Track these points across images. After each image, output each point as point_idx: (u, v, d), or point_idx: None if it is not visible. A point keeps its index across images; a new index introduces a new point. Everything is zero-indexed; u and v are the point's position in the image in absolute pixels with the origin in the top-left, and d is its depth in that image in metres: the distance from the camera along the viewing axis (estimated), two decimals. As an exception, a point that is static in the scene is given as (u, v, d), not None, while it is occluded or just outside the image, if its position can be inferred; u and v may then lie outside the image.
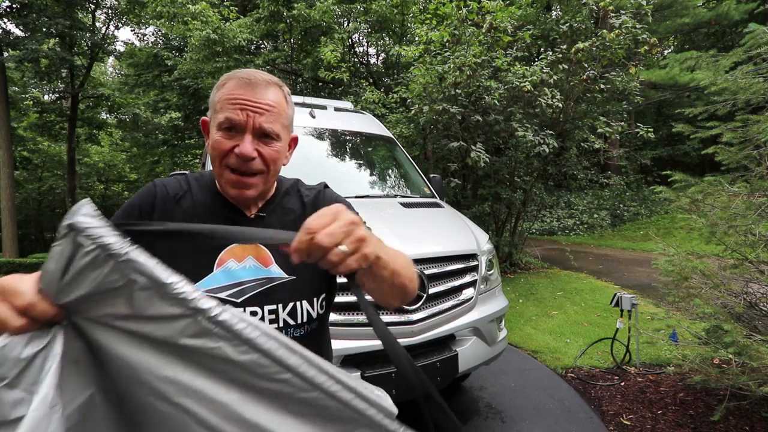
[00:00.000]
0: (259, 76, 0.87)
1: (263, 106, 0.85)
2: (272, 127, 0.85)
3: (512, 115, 6.65)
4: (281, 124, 0.88)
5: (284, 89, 0.91)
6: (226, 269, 0.87)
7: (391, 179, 3.79)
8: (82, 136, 19.44)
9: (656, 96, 14.92)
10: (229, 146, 0.84)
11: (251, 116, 0.83)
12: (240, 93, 0.84)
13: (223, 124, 0.84)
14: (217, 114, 0.85)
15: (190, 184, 0.93)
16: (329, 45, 9.77)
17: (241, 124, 0.83)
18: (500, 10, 6.77)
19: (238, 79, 0.86)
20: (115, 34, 19.82)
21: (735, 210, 2.72)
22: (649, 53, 6.84)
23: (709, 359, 2.93)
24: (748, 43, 2.93)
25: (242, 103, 0.83)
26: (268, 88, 0.87)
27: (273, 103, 0.86)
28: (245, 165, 0.85)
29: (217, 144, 0.85)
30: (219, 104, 0.86)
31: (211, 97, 0.89)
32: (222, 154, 0.85)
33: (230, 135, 0.84)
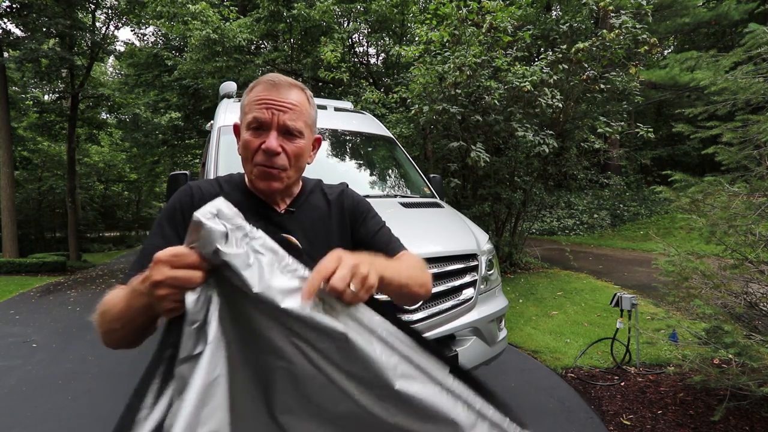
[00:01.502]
0: (283, 79, 0.95)
1: (286, 104, 0.92)
2: (295, 124, 0.92)
3: (512, 115, 6.65)
4: (304, 122, 0.95)
5: (307, 92, 0.99)
6: None
7: (391, 179, 3.78)
8: (82, 136, 19.43)
9: (656, 96, 14.91)
10: (257, 143, 0.92)
11: (275, 114, 0.91)
12: (265, 94, 0.92)
13: (251, 123, 0.92)
14: (246, 115, 0.94)
15: (221, 185, 1.01)
16: (329, 45, 9.77)
17: (267, 121, 0.91)
18: (500, 10, 6.77)
19: (265, 82, 0.94)
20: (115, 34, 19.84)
21: (735, 210, 2.72)
22: (649, 53, 6.84)
23: (709, 359, 2.93)
24: (748, 43, 2.93)
25: (267, 102, 0.91)
26: (291, 89, 0.94)
27: (296, 102, 0.94)
28: (271, 160, 0.92)
29: (246, 143, 0.93)
30: (247, 107, 0.94)
31: (241, 102, 0.98)
32: (252, 151, 0.93)
33: (258, 134, 0.92)
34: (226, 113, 3.35)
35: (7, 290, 8.94)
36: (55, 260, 12.96)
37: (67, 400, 3.43)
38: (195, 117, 15.63)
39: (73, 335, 5.39)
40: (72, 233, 16.61)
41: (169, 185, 2.96)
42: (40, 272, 12.15)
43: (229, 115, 3.30)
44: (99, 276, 11.16)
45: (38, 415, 3.18)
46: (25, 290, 9.07)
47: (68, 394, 3.54)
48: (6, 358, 4.51)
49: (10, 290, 8.96)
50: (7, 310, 7.09)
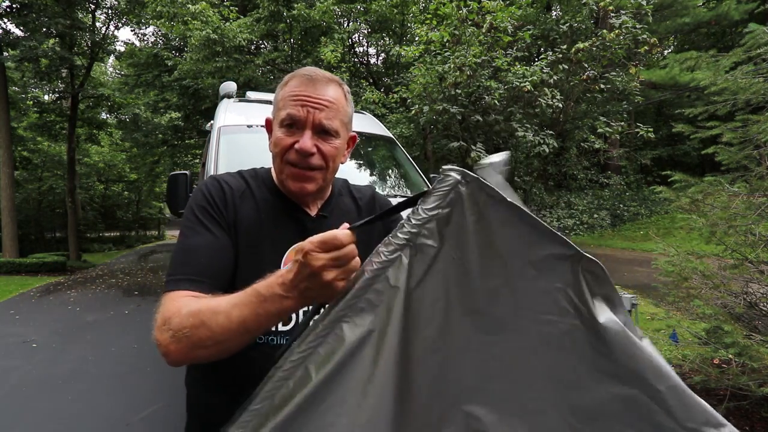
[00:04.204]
0: (321, 74, 0.89)
1: (323, 102, 0.87)
2: (331, 123, 0.87)
3: (512, 115, 6.65)
4: (340, 121, 0.90)
5: (344, 87, 0.93)
6: None
7: (391, 179, 3.78)
8: (82, 136, 19.43)
9: (656, 96, 14.91)
10: (290, 142, 0.87)
11: (311, 112, 0.86)
12: (301, 90, 0.86)
13: (285, 120, 0.87)
14: (280, 111, 0.88)
15: (247, 181, 0.95)
16: (329, 45, 9.78)
17: (302, 119, 0.86)
18: (500, 10, 6.77)
19: (300, 76, 0.89)
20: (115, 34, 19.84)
21: (735, 210, 2.72)
22: (649, 53, 6.85)
23: (709, 359, 2.93)
24: (748, 43, 2.93)
25: (303, 99, 0.86)
26: (328, 85, 0.89)
27: (333, 99, 0.88)
28: (305, 160, 0.87)
29: (278, 141, 0.88)
30: (281, 102, 0.89)
31: (275, 96, 0.92)
32: (283, 150, 0.88)
33: (291, 131, 0.87)
34: (226, 113, 3.35)
35: (7, 290, 8.94)
36: (55, 260, 12.95)
37: (67, 400, 3.43)
38: (195, 117, 15.63)
39: (73, 335, 5.39)
40: (72, 233, 16.60)
41: (169, 185, 2.96)
42: (40, 272, 12.14)
43: (229, 115, 3.30)
44: (99, 276, 11.16)
45: (38, 415, 3.18)
46: (25, 290, 9.07)
47: (68, 394, 3.54)
48: (6, 358, 4.51)
49: (10, 290, 8.96)
50: (7, 310, 7.09)
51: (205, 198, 0.88)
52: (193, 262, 0.81)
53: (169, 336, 0.69)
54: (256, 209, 0.90)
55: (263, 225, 0.89)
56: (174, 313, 0.71)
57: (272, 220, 0.91)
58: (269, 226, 0.90)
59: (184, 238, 0.85)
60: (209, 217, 0.86)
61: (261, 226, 0.89)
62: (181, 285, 0.78)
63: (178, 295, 0.76)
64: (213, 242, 0.84)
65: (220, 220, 0.87)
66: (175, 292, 0.77)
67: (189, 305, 0.72)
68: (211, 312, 0.69)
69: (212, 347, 0.68)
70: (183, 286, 0.78)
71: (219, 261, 0.83)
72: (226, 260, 0.84)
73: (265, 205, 0.92)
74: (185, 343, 0.69)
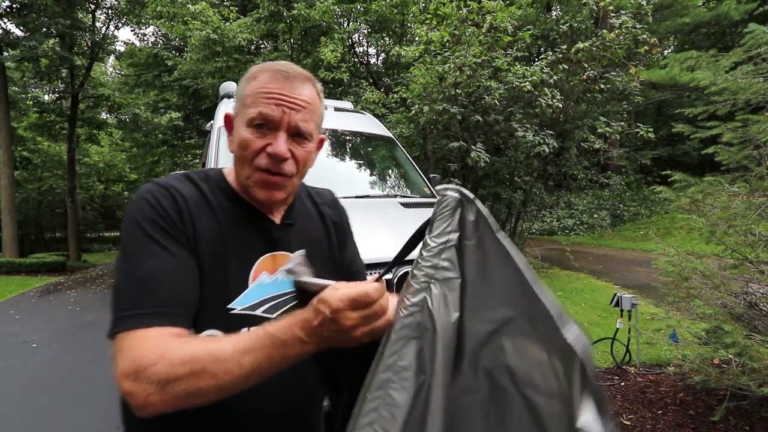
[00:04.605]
0: (297, 70, 0.81)
1: (300, 102, 0.78)
2: (307, 126, 0.79)
3: (512, 115, 6.65)
4: (315, 123, 0.82)
5: (318, 85, 0.84)
6: (260, 283, 0.80)
7: (391, 179, 3.79)
8: (82, 136, 19.43)
9: (656, 96, 14.91)
10: (261, 145, 0.77)
11: (287, 113, 0.77)
12: (276, 87, 0.77)
13: (255, 119, 0.76)
14: (248, 108, 0.77)
15: (199, 186, 0.81)
16: (329, 45, 9.78)
17: (276, 120, 0.76)
18: (500, 10, 6.77)
19: (274, 71, 0.79)
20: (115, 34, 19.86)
21: (735, 210, 2.72)
22: (649, 53, 6.84)
23: (709, 359, 2.92)
24: (748, 43, 2.92)
25: (278, 97, 0.76)
26: (305, 84, 0.80)
27: (309, 99, 0.80)
28: (277, 166, 0.78)
29: (246, 142, 0.77)
30: (250, 98, 0.77)
31: (240, 90, 0.82)
32: (252, 153, 0.77)
33: (261, 132, 0.77)
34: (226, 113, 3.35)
35: (7, 290, 8.94)
36: (55, 260, 12.96)
37: (66, 400, 3.43)
38: (195, 117, 15.63)
39: (73, 335, 5.39)
40: (72, 233, 16.61)
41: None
42: (40, 272, 12.14)
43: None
44: (99, 276, 11.16)
45: (38, 415, 3.18)
46: (25, 290, 9.07)
47: (68, 394, 3.54)
48: (6, 358, 4.51)
49: (10, 290, 8.96)
50: (7, 310, 7.09)
51: (154, 210, 0.74)
52: (159, 290, 0.69)
53: (151, 387, 0.60)
54: (215, 220, 0.79)
55: (225, 237, 0.78)
56: (155, 360, 0.61)
57: (234, 231, 0.80)
58: (232, 238, 0.79)
59: (136, 262, 0.70)
60: (164, 233, 0.72)
61: (223, 238, 0.78)
62: (149, 321, 0.66)
63: (150, 334, 0.65)
64: (176, 264, 0.71)
65: (177, 236, 0.73)
66: (143, 330, 0.65)
67: (177, 349, 0.63)
68: (214, 358, 0.61)
69: (212, 395, 0.62)
70: (153, 322, 0.66)
71: (188, 286, 0.72)
72: (195, 284, 0.73)
73: (224, 215, 0.80)
74: (177, 394, 0.60)
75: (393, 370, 0.56)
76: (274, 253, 0.83)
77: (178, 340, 0.65)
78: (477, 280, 0.58)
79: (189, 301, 0.72)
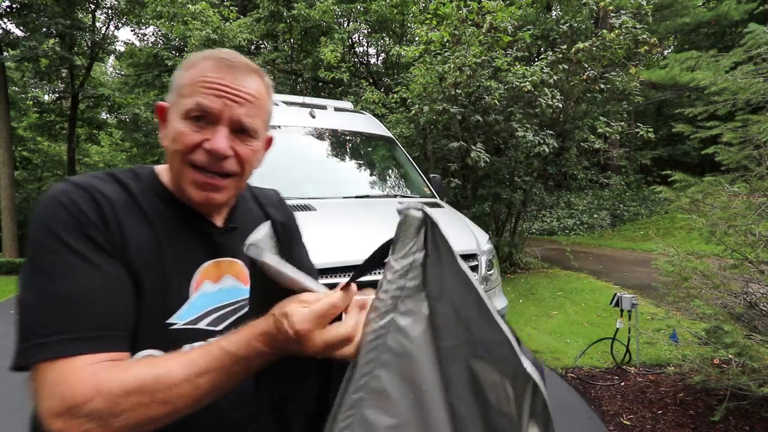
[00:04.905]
0: (241, 60, 0.73)
1: (244, 95, 0.70)
2: (252, 122, 0.71)
3: (512, 115, 6.65)
4: (262, 120, 0.75)
5: (266, 80, 0.77)
6: (203, 293, 0.73)
7: (391, 179, 3.79)
8: (82, 136, 19.44)
9: (656, 96, 14.91)
10: (197, 140, 0.69)
11: (229, 105, 0.69)
12: (217, 77, 0.69)
13: (192, 111, 0.68)
14: (184, 99, 0.69)
15: (127, 186, 0.71)
16: (329, 45, 9.79)
17: (216, 113, 0.68)
18: (500, 10, 6.77)
19: (216, 59, 0.71)
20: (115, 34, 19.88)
21: (735, 210, 2.72)
22: (649, 53, 6.85)
23: (709, 359, 2.93)
24: (748, 43, 2.93)
25: (219, 88, 0.68)
26: (251, 76, 0.72)
27: (255, 93, 0.72)
28: (217, 164, 0.70)
29: (180, 136, 0.69)
30: (188, 87, 0.69)
31: (176, 78, 0.73)
32: (187, 148, 0.69)
33: (199, 126, 0.69)
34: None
35: (7, 290, 8.94)
36: (55, 260, 12.96)
37: (67, 400, 3.43)
38: (195, 117, 15.62)
39: (73, 335, 5.39)
40: (72, 233, 16.59)
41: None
42: (40, 272, 12.16)
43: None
44: (99, 276, 11.17)
45: (38, 415, 3.18)
46: (25, 290, 9.06)
47: (68, 394, 3.54)
48: (6, 358, 4.50)
49: (10, 290, 8.96)
50: (7, 310, 7.09)
51: (72, 215, 0.62)
52: (85, 311, 0.59)
53: (91, 424, 0.53)
54: (148, 225, 0.69)
55: (161, 245, 0.69)
56: (91, 394, 0.53)
57: (171, 238, 0.71)
58: (169, 245, 0.70)
59: (53, 278, 0.59)
60: (87, 243, 0.62)
61: (158, 246, 0.69)
62: (77, 348, 0.57)
63: (80, 363, 0.56)
64: (104, 279, 0.61)
65: (103, 245, 0.63)
66: (70, 359, 0.56)
67: (117, 378, 0.55)
68: (164, 384, 0.55)
69: (166, 420, 0.56)
70: (82, 349, 0.57)
71: (120, 304, 0.63)
72: (129, 300, 0.64)
73: (158, 219, 0.71)
74: (122, 428, 0.54)
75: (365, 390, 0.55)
76: (217, 260, 0.76)
77: (117, 367, 0.57)
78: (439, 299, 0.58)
79: (123, 321, 0.62)
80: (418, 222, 0.56)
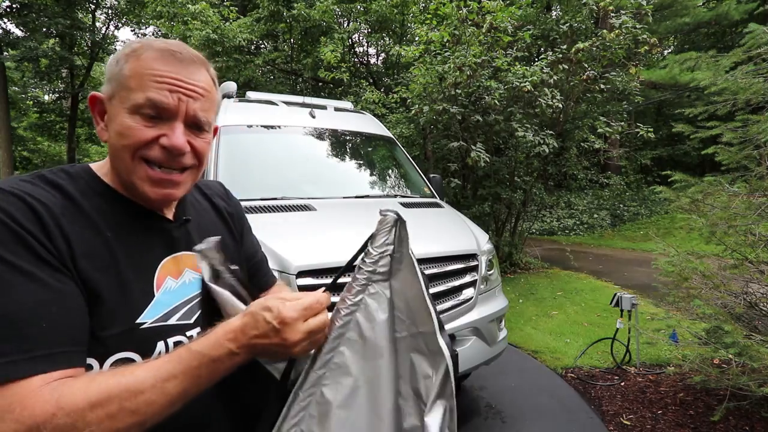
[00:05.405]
0: (189, 51, 0.71)
1: (198, 89, 0.69)
2: (206, 116, 0.71)
3: (512, 115, 6.65)
4: (213, 113, 0.74)
5: (212, 70, 0.76)
6: (166, 290, 0.72)
7: (391, 179, 3.78)
8: (82, 136, 19.46)
9: (656, 96, 14.91)
10: (151, 135, 0.66)
11: (184, 101, 0.67)
12: (168, 70, 0.67)
13: (143, 107, 0.65)
14: (132, 93, 0.65)
15: (63, 189, 0.66)
16: (329, 45, 9.78)
17: (171, 109, 0.67)
18: (500, 10, 6.76)
19: (163, 50, 0.68)
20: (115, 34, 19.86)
21: (735, 210, 2.72)
22: (649, 53, 6.85)
23: (709, 359, 2.93)
24: (748, 43, 2.93)
25: (171, 83, 0.66)
26: (200, 68, 0.71)
27: (207, 86, 0.72)
28: (175, 160, 0.68)
29: (130, 131, 0.66)
30: (134, 80, 0.66)
31: (116, 67, 0.68)
32: (138, 144, 0.66)
33: (152, 122, 0.66)
34: (226, 113, 3.35)
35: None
36: (55, 260, 12.96)
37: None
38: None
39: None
40: (72, 233, 16.60)
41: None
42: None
43: (229, 115, 3.30)
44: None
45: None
46: (25, 290, 9.05)
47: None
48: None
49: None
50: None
51: (5, 227, 0.57)
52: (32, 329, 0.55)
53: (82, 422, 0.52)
54: (94, 227, 0.65)
55: (112, 247, 0.66)
56: (52, 411, 0.51)
57: (123, 238, 0.68)
58: (121, 246, 0.67)
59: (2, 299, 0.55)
60: (25, 255, 0.57)
61: (109, 249, 0.66)
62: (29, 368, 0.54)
63: (35, 384, 0.53)
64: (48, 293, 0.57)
65: (46, 255, 0.59)
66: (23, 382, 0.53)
67: (81, 392, 0.53)
68: (131, 393, 0.54)
69: (135, 430, 0.55)
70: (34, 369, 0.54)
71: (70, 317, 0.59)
72: (79, 313, 0.60)
73: (104, 220, 0.67)
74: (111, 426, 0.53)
75: (328, 368, 0.63)
76: (175, 255, 0.75)
77: (80, 381, 0.55)
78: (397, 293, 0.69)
79: (73, 335, 0.59)
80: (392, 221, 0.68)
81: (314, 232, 2.39)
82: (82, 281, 0.61)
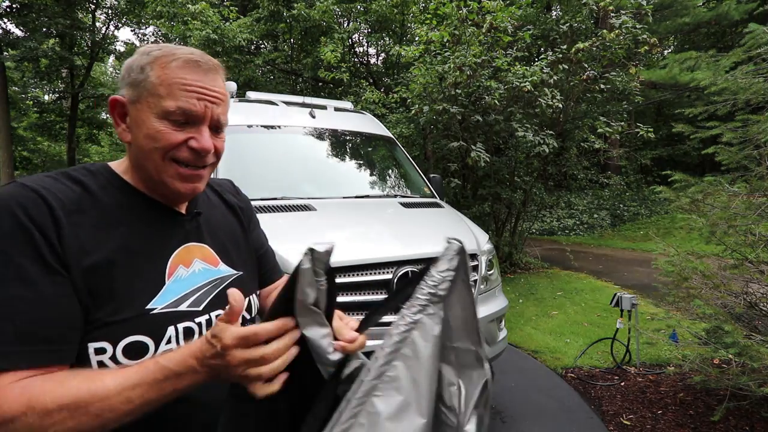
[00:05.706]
0: (208, 59, 0.78)
1: (219, 95, 0.77)
2: (225, 118, 0.79)
3: (512, 115, 6.65)
4: (227, 114, 0.82)
5: (223, 73, 0.82)
6: (177, 279, 0.77)
7: (391, 179, 3.79)
8: (82, 136, 19.45)
9: (656, 96, 14.91)
10: (181, 138, 0.73)
11: (209, 107, 0.74)
12: (195, 79, 0.73)
13: (173, 114, 0.71)
14: (163, 100, 0.71)
15: (83, 184, 0.72)
16: (329, 45, 9.78)
17: (199, 115, 0.73)
18: (500, 10, 6.76)
19: (188, 60, 0.74)
20: (115, 34, 19.87)
21: (735, 210, 2.72)
22: (649, 53, 6.84)
23: (709, 359, 2.93)
24: (748, 43, 2.93)
25: (199, 91, 0.73)
26: (218, 73, 0.78)
27: (224, 90, 0.79)
28: (201, 159, 0.76)
29: (161, 135, 0.72)
30: (163, 87, 0.71)
31: (141, 75, 0.73)
32: (170, 146, 0.73)
33: (181, 127, 0.73)
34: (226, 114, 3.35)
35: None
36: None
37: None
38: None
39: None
40: (72, 233, 16.59)
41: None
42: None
43: (229, 115, 3.30)
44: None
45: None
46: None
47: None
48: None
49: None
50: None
51: (17, 222, 0.61)
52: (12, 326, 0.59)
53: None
54: (110, 219, 0.72)
55: (129, 237, 0.72)
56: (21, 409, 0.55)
57: (139, 229, 0.74)
58: (137, 236, 0.73)
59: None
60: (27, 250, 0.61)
61: (124, 238, 0.71)
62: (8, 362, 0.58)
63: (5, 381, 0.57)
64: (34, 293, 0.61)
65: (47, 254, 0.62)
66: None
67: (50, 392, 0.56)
68: (96, 398, 0.57)
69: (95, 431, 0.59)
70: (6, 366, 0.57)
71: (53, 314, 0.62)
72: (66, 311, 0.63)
73: (122, 213, 0.74)
74: None
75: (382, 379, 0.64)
76: (187, 245, 0.81)
77: (51, 382, 0.58)
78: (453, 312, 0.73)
79: (51, 335, 0.61)
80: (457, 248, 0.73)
81: (314, 232, 2.39)
82: (90, 273, 0.66)
